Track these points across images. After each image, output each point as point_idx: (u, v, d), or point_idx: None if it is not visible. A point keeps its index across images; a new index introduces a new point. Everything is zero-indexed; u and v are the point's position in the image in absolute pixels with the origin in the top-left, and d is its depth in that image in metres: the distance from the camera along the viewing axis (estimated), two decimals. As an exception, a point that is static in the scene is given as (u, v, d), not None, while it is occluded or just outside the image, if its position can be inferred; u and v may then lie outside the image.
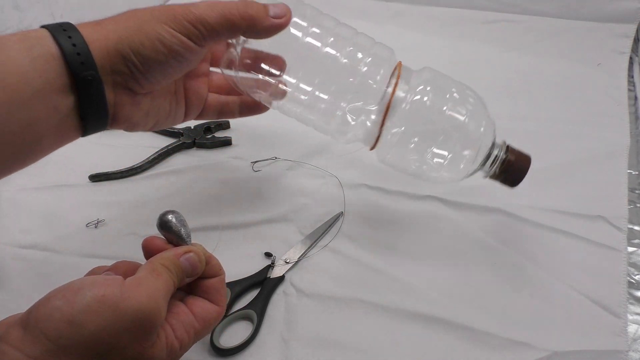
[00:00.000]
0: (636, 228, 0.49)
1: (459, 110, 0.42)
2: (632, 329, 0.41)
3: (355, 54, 0.42)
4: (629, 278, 0.44)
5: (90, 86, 0.33)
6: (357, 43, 0.43)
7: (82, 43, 0.32)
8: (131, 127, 0.38)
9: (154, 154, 0.56)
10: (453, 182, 0.45)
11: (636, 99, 0.65)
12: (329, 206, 0.51)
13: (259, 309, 0.42)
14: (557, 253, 0.46)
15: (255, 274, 0.45)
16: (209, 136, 0.59)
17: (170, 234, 0.34)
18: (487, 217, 0.50)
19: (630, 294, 0.43)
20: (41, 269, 0.46)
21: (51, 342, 0.27)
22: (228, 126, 0.60)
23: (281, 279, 0.44)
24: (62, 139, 0.35)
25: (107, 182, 0.54)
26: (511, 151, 0.43)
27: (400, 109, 0.41)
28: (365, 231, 0.49)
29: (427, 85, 0.42)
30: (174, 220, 0.34)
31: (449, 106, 0.42)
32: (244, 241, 0.48)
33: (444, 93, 0.42)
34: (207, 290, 0.34)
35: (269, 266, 0.45)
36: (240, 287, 0.43)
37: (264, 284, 0.44)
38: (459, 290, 0.44)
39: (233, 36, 0.39)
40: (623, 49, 0.71)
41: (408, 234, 0.49)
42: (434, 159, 0.42)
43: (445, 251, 0.47)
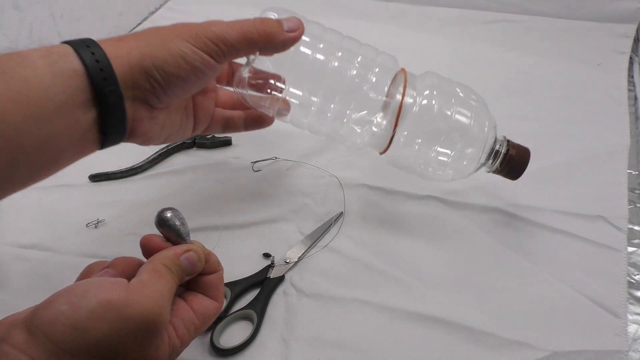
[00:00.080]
0: (636, 228, 0.49)
1: (464, 111, 0.44)
2: (632, 329, 0.41)
3: (363, 66, 0.43)
4: (629, 278, 0.44)
5: (112, 101, 0.33)
6: (363, 55, 0.44)
7: (104, 59, 0.32)
8: (146, 141, 0.39)
9: (154, 154, 0.56)
10: (459, 179, 0.46)
11: (636, 99, 0.65)
12: (329, 206, 0.51)
13: (259, 309, 0.42)
14: (557, 253, 0.46)
15: (255, 274, 0.45)
16: (209, 136, 0.59)
17: (169, 232, 0.34)
18: (487, 217, 0.50)
19: (630, 294, 0.43)
20: (41, 269, 0.46)
21: (56, 346, 0.27)
22: (228, 126, 0.61)
23: (281, 279, 0.45)
24: (81, 152, 0.35)
25: (107, 182, 0.54)
26: (512, 145, 0.45)
27: (410, 113, 0.43)
28: (365, 231, 0.49)
29: (433, 90, 0.44)
30: (172, 217, 0.34)
31: (455, 109, 0.43)
32: (244, 241, 0.48)
33: (449, 96, 0.44)
34: (205, 287, 0.35)
35: (269, 266, 0.45)
36: (241, 287, 0.43)
37: (264, 284, 0.44)
38: (459, 290, 0.44)
39: (251, 52, 0.40)
40: (623, 49, 0.72)
41: (408, 233, 0.49)
42: (440, 158, 0.44)
43: (445, 251, 0.47)
